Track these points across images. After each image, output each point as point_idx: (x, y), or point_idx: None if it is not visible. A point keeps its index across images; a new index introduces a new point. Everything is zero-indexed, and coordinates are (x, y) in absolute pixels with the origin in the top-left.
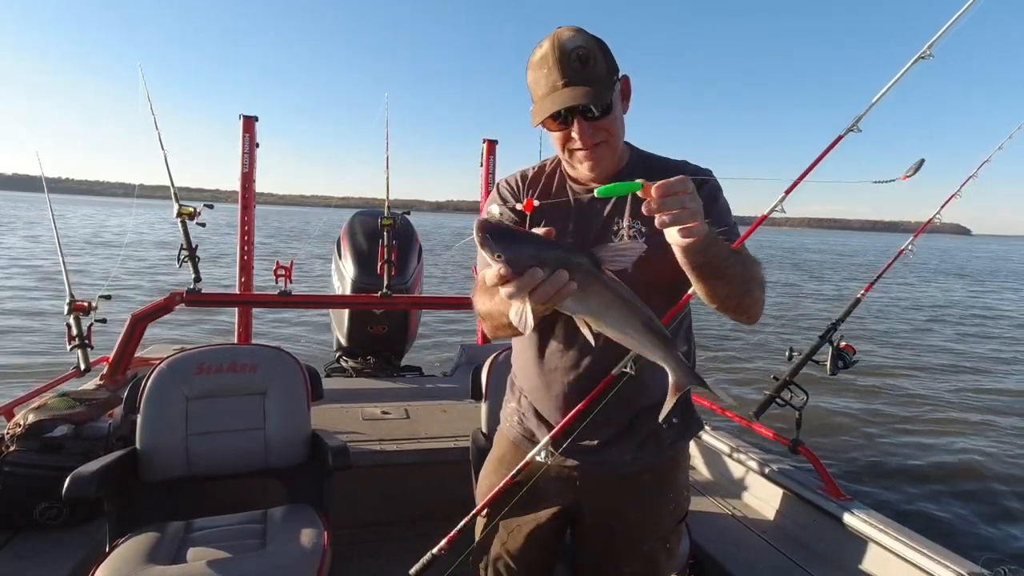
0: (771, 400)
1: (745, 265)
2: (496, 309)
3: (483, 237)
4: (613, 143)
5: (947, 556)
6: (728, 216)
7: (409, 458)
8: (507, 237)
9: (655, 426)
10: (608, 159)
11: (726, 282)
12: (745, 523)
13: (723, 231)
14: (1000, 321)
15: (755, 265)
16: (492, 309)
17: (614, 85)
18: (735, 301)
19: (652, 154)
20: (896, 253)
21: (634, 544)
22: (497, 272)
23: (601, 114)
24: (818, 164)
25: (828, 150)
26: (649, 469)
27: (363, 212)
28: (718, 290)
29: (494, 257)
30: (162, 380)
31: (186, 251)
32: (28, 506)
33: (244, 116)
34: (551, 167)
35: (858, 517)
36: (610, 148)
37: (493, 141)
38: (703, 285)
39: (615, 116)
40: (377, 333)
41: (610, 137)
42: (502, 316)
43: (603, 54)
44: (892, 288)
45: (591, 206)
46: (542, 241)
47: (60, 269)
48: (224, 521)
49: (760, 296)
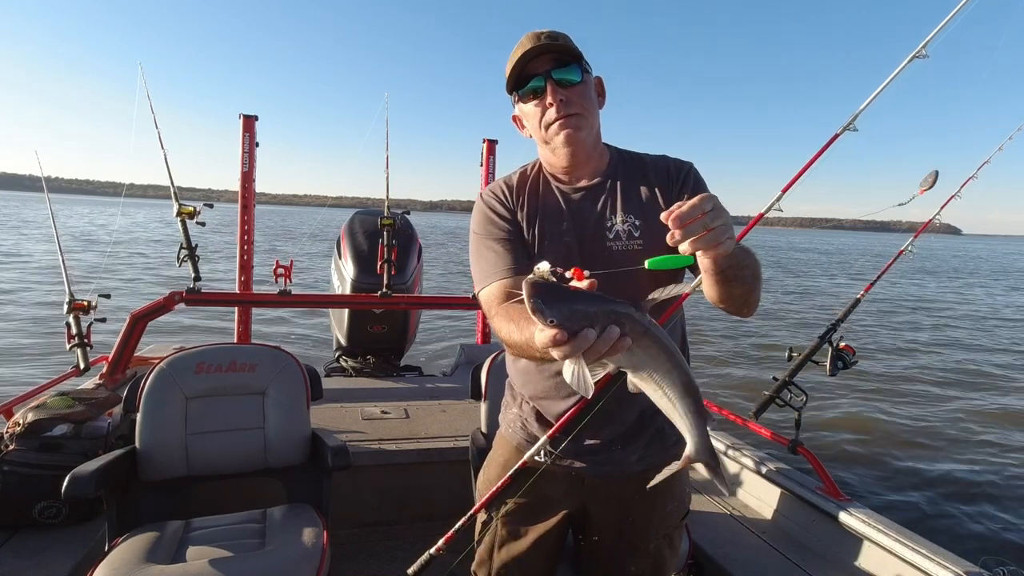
0: (771, 400)
1: (755, 263)
2: (527, 343)
3: (534, 303)
4: (588, 121)
5: (946, 556)
6: None
7: (409, 458)
8: (557, 299)
9: (660, 425)
10: (584, 139)
11: (741, 283)
12: (744, 523)
13: None
14: (1000, 320)
15: (757, 263)
16: (522, 342)
17: (586, 67)
18: (744, 300)
19: (632, 152)
20: (896, 253)
21: (641, 542)
22: (551, 337)
23: (572, 83)
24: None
25: (823, 149)
26: (655, 468)
27: (363, 212)
28: (733, 291)
29: (546, 323)
30: (161, 379)
31: (186, 250)
32: (27, 505)
33: (244, 115)
34: (533, 171)
35: (857, 517)
36: (586, 123)
37: (493, 141)
38: (721, 288)
39: (588, 94)
40: (377, 333)
41: (584, 112)
42: (533, 351)
43: (572, 41)
44: (892, 288)
45: (583, 204)
46: (592, 298)
47: (58, 267)
48: (223, 520)
49: (756, 287)
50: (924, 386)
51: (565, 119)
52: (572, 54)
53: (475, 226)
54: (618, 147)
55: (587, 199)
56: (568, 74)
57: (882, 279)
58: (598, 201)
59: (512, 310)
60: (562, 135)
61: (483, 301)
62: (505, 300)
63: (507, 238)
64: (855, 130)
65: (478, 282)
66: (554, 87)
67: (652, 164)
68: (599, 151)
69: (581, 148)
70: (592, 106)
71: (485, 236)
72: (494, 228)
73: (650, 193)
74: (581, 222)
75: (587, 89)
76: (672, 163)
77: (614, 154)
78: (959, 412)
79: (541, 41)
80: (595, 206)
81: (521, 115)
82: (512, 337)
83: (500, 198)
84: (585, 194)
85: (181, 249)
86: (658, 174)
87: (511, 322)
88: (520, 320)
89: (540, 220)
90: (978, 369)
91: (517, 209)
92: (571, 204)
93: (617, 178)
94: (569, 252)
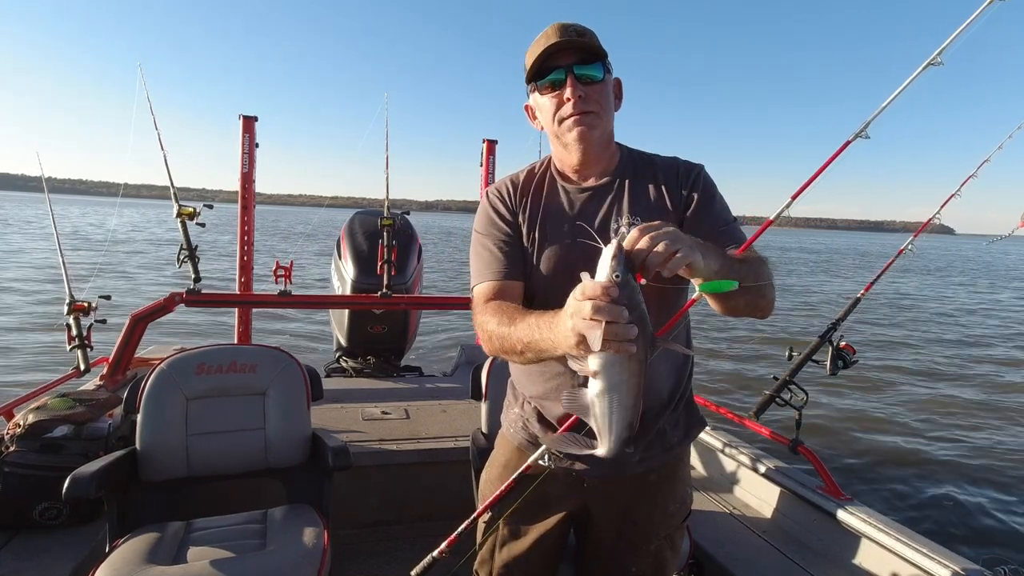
0: (771, 400)
1: (754, 269)
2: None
3: (618, 254)
4: (603, 121)
5: (947, 555)
6: (727, 212)
7: (409, 458)
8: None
9: (661, 426)
10: (597, 138)
11: (741, 293)
12: (745, 522)
13: (724, 229)
14: (998, 318)
15: (763, 265)
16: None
17: (608, 67)
18: (750, 308)
19: (643, 153)
20: (896, 253)
21: (642, 543)
22: (605, 286)
23: (593, 81)
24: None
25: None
26: (655, 469)
27: (363, 212)
28: (735, 302)
29: (613, 276)
30: (162, 380)
31: (186, 251)
32: (28, 506)
33: (244, 116)
34: (541, 169)
35: (858, 516)
36: (600, 123)
37: (493, 141)
38: (722, 302)
39: (606, 94)
40: (377, 333)
41: (601, 111)
42: (515, 343)
43: (598, 40)
44: (892, 287)
45: (588, 205)
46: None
47: (52, 267)
48: (224, 521)
49: (771, 295)
50: (924, 386)
51: (580, 115)
52: (597, 52)
53: (477, 223)
54: (630, 147)
55: (593, 200)
56: (591, 71)
57: (893, 279)
58: (604, 202)
59: (506, 305)
60: (575, 131)
61: (473, 296)
62: (491, 301)
63: (504, 240)
64: (867, 137)
65: (472, 278)
66: (574, 82)
67: (662, 165)
68: (610, 151)
69: (591, 147)
70: (608, 107)
71: (484, 235)
72: (493, 229)
73: (658, 195)
74: (585, 223)
75: (606, 89)
76: (682, 165)
77: (625, 154)
78: (959, 412)
79: (568, 35)
80: (600, 207)
81: (535, 106)
82: (500, 329)
83: (504, 198)
84: (592, 194)
85: (181, 250)
86: (667, 176)
87: (501, 314)
88: (514, 313)
89: (542, 221)
90: (978, 368)
91: (519, 210)
92: (575, 205)
93: (625, 179)
94: (570, 254)
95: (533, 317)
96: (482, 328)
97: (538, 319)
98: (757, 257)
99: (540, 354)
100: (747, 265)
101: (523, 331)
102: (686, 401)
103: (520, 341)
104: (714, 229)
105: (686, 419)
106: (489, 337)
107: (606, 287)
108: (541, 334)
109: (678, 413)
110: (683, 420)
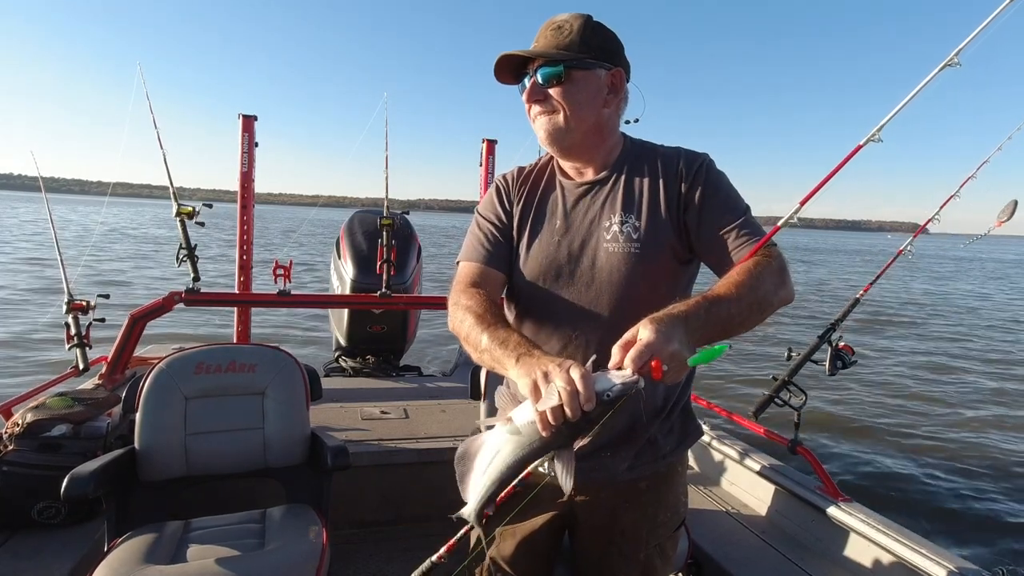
0: (770, 400)
1: (745, 302)
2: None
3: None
4: (574, 119)
5: (945, 556)
6: (736, 201)
7: (408, 458)
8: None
9: (653, 434)
10: (564, 136)
11: (737, 326)
12: (744, 523)
13: (735, 225)
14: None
15: (762, 284)
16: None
17: (589, 66)
18: (750, 328)
19: (646, 144)
20: (895, 253)
21: (630, 552)
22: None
23: (558, 81)
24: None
25: (847, 159)
26: (646, 477)
27: (362, 212)
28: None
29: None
30: (161, 380)
31: (185, 250)
32: (26, 505)
33: (243, 115)
34: (546, 161)
35: (856, 517)
36: (568, 121)
37: (492, 141)
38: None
39: (575, 92)
40: (376, 333)
41: (567, 109)
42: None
43: (588, 32)
44: (891, 287)
45: (582, 201)
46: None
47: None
48: (223, 521)
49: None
50: (924, 386)
51: (540, 116)
52: (571, 50)
53: (480, 204)
54: (636, 139)
55: (587, 196)
56: (552, 70)
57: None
58: (598, 198)
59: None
60: (540, 133)
61: (457, 271)
62: (469, 283)
63: (496, 226)
64: (880, 140)
65: (460, 253)
66: (533, 85)
67: (663, 157)
68: (607, 145)
69: (561, 144)
70: (584, 103)
71: (481, 217)
72: (490, 214)
73: (655, 189)
74: (576, 221)
75: (575, 87)
76: (684, 156)
77: (627, 147)
78: (959, 411)
79: (547, 31)
80: (594, 204)
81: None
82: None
83: (507, 187)
84: (587, 189)
85: (180, 249)
86: (667, 169)
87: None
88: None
89: (533, 218)
90: (978, 367)
91: (516, 201)
92: (569, 201)
93: (623, 173)
94: (558, 252)
95: (515, 337)
96: (455, 305)
97: (517, 341)
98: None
99: (493, 366)
100: (737, 301)
101: (495, 342)
102: (682, 408)
103: (487, 351)
104: (713, 236)
105: (681, 427)
106: (460, 321)
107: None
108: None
109: (672, 420)
110: (678, 428)
